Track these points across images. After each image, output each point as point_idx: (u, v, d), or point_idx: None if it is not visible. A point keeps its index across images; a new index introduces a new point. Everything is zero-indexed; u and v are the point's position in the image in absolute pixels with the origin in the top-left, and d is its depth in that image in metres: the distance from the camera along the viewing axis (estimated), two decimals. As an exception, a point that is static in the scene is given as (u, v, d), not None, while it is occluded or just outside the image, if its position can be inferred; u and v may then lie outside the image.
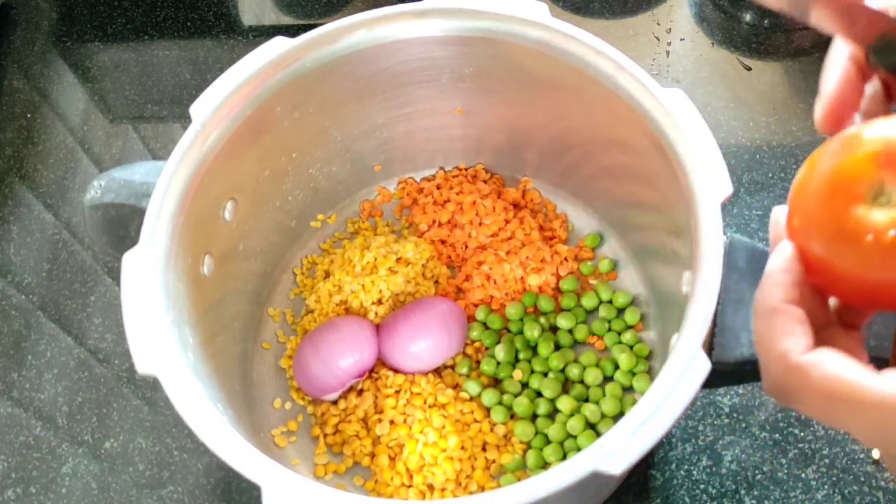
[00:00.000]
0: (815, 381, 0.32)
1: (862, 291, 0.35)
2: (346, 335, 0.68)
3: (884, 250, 0.33)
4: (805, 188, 0.36)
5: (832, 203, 0.34)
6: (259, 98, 0.63)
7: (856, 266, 0.34)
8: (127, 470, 0.70)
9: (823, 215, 0.34)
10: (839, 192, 0.34)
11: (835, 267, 0.35)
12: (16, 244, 0.82)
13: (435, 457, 0.65)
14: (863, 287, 0.34)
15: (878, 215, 0.33)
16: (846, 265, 0.34)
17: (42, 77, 0.94)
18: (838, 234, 0.34)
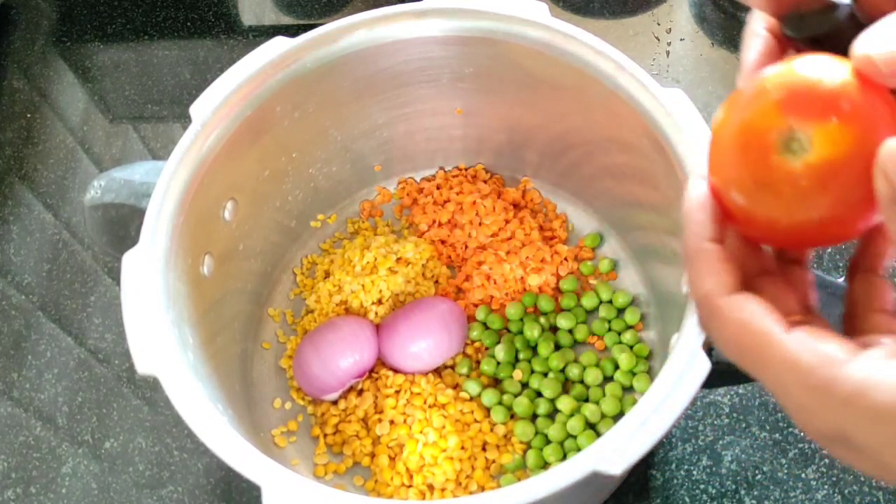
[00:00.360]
0: (730, 325, 0.32)
1: (788, 235, 0.35)
2: (346, 335, 0.68)
3: (803, 195, 0.33)
4: (719, 143, 0.36)
5: (746, 158, 0.34)
6: (259, 98, 0.63)
7: (778, 214, 0.34)
8: (127, 470, 0.70)
9: (740, 171, 0.34)
10: (751, 146, 0.34)
11: (758, 217, 0.35)
12: (16, 244, 0.82)
13: (435, 457, 0.65)
14: (788, 231, 0.34)
15: (793, 162, 0.32)
16: (769, 214, 0.34)
17: (42, 77, 0.94)
18: (757, 186, 0.34)
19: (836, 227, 0.33)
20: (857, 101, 0.32)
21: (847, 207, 0.32)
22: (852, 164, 0.32)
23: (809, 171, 0.32)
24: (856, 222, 0.33)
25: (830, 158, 0.32)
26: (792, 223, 0.34)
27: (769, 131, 0.33)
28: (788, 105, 0.33)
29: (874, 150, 0.31)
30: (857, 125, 0.32)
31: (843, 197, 0.32)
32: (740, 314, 0.32)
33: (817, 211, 0.33)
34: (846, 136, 0.32)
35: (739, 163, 0.34)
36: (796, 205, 0.33)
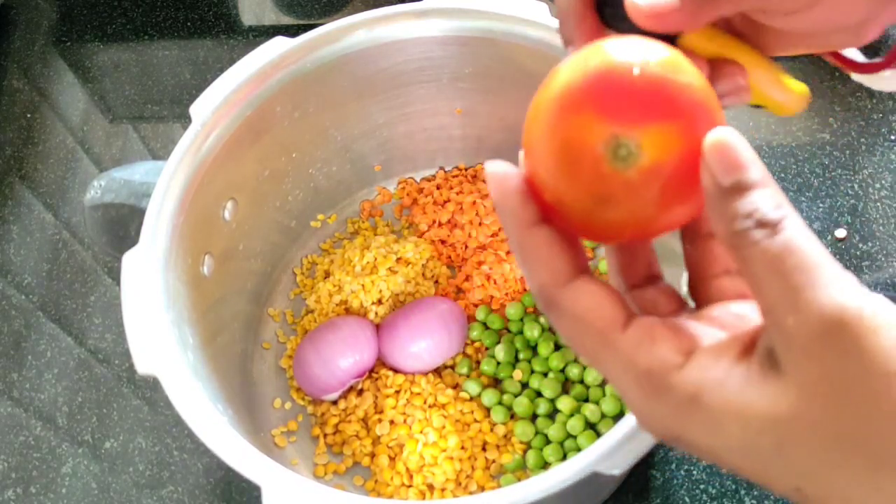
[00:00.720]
0: (566, 320, 0.32)
1: (627, 235, 0.34)
2: (346, 335, 0.68)
3: (643, 199, 0.31)
4: (538, 148, 0.33)
5: (576, 174, 0.32)
6: (259, 98, 0.63)
7: (618, 219, 0.32)
8: (127, 470, 0.70)
9: (571, 187, 0.32)
10: (579, 162, 0.31)
11: (595, 225, 0.33)
12: (16, 244, 0.82)
13: (435, 457, 0.65)
14: (628, 232, 0.33)
15: (627, 171, 0.31)
16: (608, 221, 0.32)
17: (42, 77, 0.94)
18: (594, 201, 0.32)
19: (682, 216, 0.33)
20: (679, 93, 0.31)
21: (689, 198, 0.31)
22: (685, 158, 0.31)
23: (645, 175, 0.31)
24: (700, 209, 0.32)
25: (663, 159, 0.31)
26: (633, 225, 0.32)
27: (594, 144, 0.31)
28: (606, 109, 0.31)
29: (701, 139, 0.30)
30: (682, 120, 0.31)
31: (684, 191, 0.31)
32: (575, 309, 0.31)
33: (660, 207, 0.32)
34: (673, 135, 0.31)
35: (570, 181, 0.32)
36: (637, 209, 0.32)
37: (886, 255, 0.73)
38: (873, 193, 0.76)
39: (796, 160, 0.79)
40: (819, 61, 0.84)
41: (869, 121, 0.80)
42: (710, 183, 0.29)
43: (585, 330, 0.32)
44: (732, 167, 0.29)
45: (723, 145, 0.29)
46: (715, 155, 0.29)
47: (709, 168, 0.29)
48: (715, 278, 0.36)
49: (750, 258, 0.28)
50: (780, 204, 0.29)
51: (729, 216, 0.29)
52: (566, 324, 0.32)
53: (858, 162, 0.78)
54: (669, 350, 0.30)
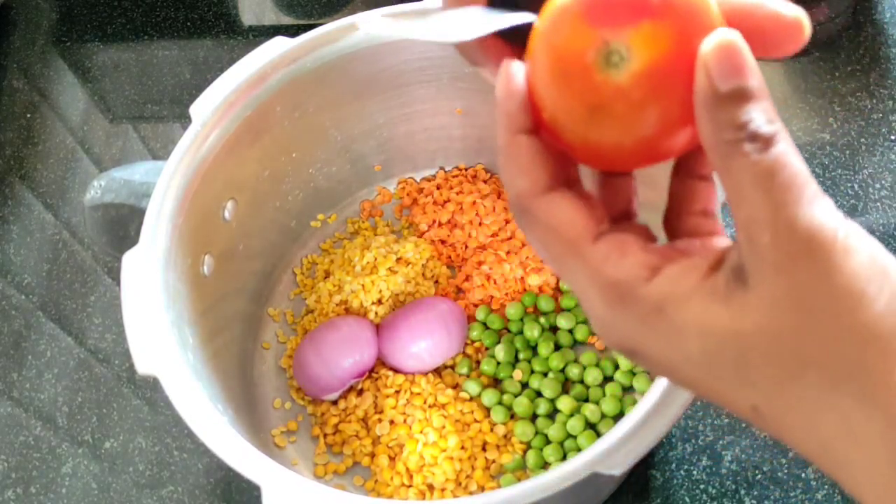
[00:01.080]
0: (539, 229, 0.32)
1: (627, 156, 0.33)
2: (346, 335, 0.68)
3: (637, 106, 0.31)
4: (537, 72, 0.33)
5: (570, 86, 0.31)
6: (259, 98, 0.63)
7: (617, 134, 0.32)
8: (127, 470, 0.70)
9: (567, 101, 0.32)
10: (571, 73, 0.31)
11: (594, 142, 0.32)
12: (16, 244, 0.82)
13: (435, 457, 0.65)
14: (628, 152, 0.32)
15: (618, 76, 0.30)
16: (607, 137, 0.32)
17: (42, 77, 0.94)
18: (589, 112, 0.31)
19: (675, 136, 0.32)
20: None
21: (683, 111, 0.30)
22: (677, 61, 0.30)
23: (637, 79, 0.30)
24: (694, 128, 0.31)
25: (654, 61, 0.30)
26: (629, 143, 0.32)
27: (585, 51, 0.31)
28: (596, 17, 0.31)
29: (695, 41, 0.29)
30: (673, 20, 0.30)
31: (678, 99, 0.30)
32: (548, 218, 0.32)
33: (655, 121, 0.31)
34: (664, 34, 0.30)
35: (564, 94, 0.32)
36: (633, 119, 0.31)
37: (886, 255, 0.73)
38: (873, 193, 0.76)
39: (796, 160, 0.79)
40: (819, 61, 0.84)
41: (869, 121, 0.80)
42: (705, 86, 0.28)
43: (556, 239, 0.32)
44: (734, 71, 0.28)
45: (727, 47, 0.28)
46: (716, 56, 0.28)
47: (707, 70, 0.28)
48: (692, 215, 0.36)
49: (737, 170, 0.28)
50: (773, 118, 0.28)
51: (722, 124, 0.28)
52: (538, 232, 0.32)
53: (858, 162, 0.78)
54: (637, 264, 0.31)
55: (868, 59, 0.84)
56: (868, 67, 0.83)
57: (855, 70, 0.83)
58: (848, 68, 0.84)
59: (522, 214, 0.32)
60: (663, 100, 0.30)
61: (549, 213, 0.32)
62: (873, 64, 0.83)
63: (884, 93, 0.81)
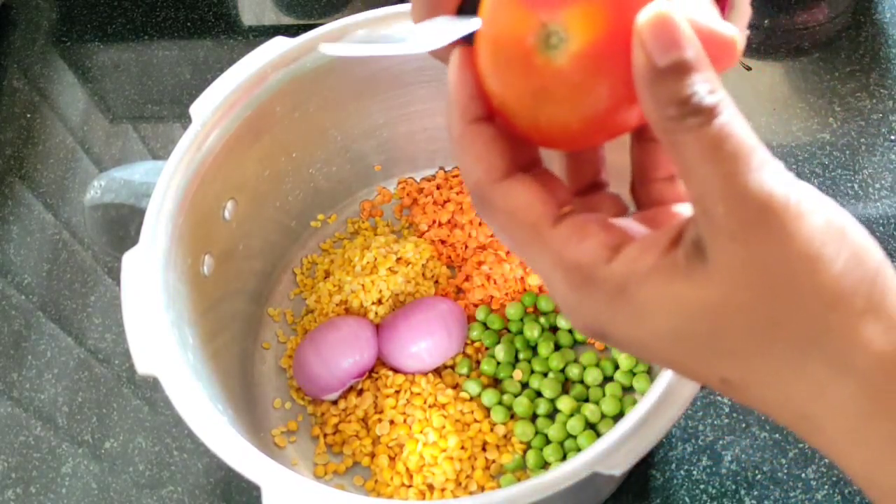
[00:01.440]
0: (500, 216, 0.32)
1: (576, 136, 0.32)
2: (346, 335, 0.68)
3: (580, 87, 0.30)
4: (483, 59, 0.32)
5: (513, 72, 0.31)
6: (259, 98, 0.63)
7: (563, 115, 0.31)
8: (127, 470, 0.70)
9: (512, 87, 0.31)
10: (513, 58, 0.31)
11: (543, 126, 0.32)
12: (16, 244, 0.82)
13: (435, 457, 0.65)
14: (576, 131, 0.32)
15: (558, 57, 0.30)
16: (554, 119, 0.31)
17: (42, 77, 0.94)
18: (534, 96, 0.31)
19: (624, 114, 0.31)
20: None
21: (628, 88, 0.29)
22: (617, 39, 0.29)
23: (577, 60, 0.30)
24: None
25: (593, 40, 0.29)
26: (577, 123, 0.31)
27: (524, 35, 0.30)
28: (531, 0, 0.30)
29: (632, 18, 0.28)
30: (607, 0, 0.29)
31: (621, 77, 0.29)
32: (507, 205, 0.31)
33: (601, 101, 0.30)
34: (600, 13, 0.29)
35: (508, 79, 0.31)
36: (578, 100, 0.31)
37: (886, 254, 0.73)
38: (873, 193, 0.76)
39: (796, 160, 0.79)
40: (819, 61, 0.84)
41: (869, 121, 0.80)
42: (643, 63, 0.28)
43: (517, 225, 0.31)
44: (671, 44, 0.27)
45: (661, 20, 0.27)
46: (650, 30, 0.28)
47: (642, 45, 0.28)
48: (657, 182, 0.35)
49: (683, 145, 0.28)
50: (715, 88, 0.28)
51: (663, 100, 0.28)
52: (498, 219, 0.32)
53: (858, 162, 0.78)
54: (598, 245, 0.30)
55: (868, 59, 0.84)
56: (868, 67, 0.83)
57: (855, 70, 0.83)
58: (848, 68, 0.84)
59: (481, 203, 0.32)
60: (606, 79, 0.30)
61: (506, 200, 0.31)
62: (873, 64, 0.84)
63: (884, 93, 0.81)
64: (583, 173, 0.37)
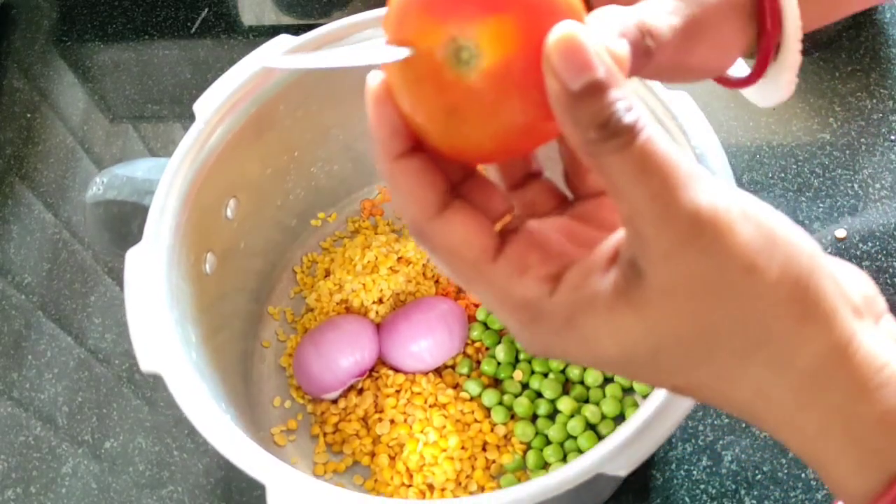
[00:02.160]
0: (440, 252, 0.31)
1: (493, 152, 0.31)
2: (346, 334, 0.68)
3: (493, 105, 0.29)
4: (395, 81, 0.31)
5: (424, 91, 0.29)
6: (262, 96, 0.63)
7: (478, 133, 0.30)
8: (127, 470, 0.70)
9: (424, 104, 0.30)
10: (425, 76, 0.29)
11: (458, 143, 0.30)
12: (16, 244, 0.82)
13: (435, 456, 0.65)
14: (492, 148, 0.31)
15: (470, 74, 0.28)
16: (469, 137, 0.30)
17: (42, 77, 0.94)
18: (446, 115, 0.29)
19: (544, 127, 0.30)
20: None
21: (545, 102, 0.28)
22: (531, 54, 0.28)
23: (488, 76, 0.28)
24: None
25: (506, 56, 0.28)
26: (495, 139, 0.30)
27: (434, 49, 0.28)
28: (440, 9, 0.28)
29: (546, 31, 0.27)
30: (522, 12, 0.28)
31: (536, 92, 0.28)
32: (445, 243, 0.31)
33: (517, 118, 0.29)
34: (513, 28, 0.28)
35: (419, 97, 0.30)
36: (493, 118, 0.29)
37: (886, 255, 0.73)
38: (873, 193, 0.76)
39: (796, 160, 0.79)
40: (819, 61, 0.84)
41: (869, 121, 0.80)
42: (556, 87, 0.27)
43: (459, 262, 0.31)
44: (581, 67, 0.27)
45: (568, 42, 0.27)
46: (559, 53, 0.27)
47: (553, 69, 0.27)
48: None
49: (607, 167, 0.27)
50: (632, 105, 0.27)
51: (582, 125, 0.27)
52: (440, 256, 0.32)
53: (858, 162, 0.78)
54: (538, 278, 0.31)
55: (868, 59, 0.84)
56: (868, 67, 0.83)
57: (855, 70, 0.84)
58: (848, 68, 0.84)
59: (421, 239, 0.32)
60: (522, 94, 0.29)
61: (444, 237, 0.31)
62: (873, 64, 0.84)
63: (884, 93, 0.82)
64: (515, 167, 0.36)
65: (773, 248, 0.28)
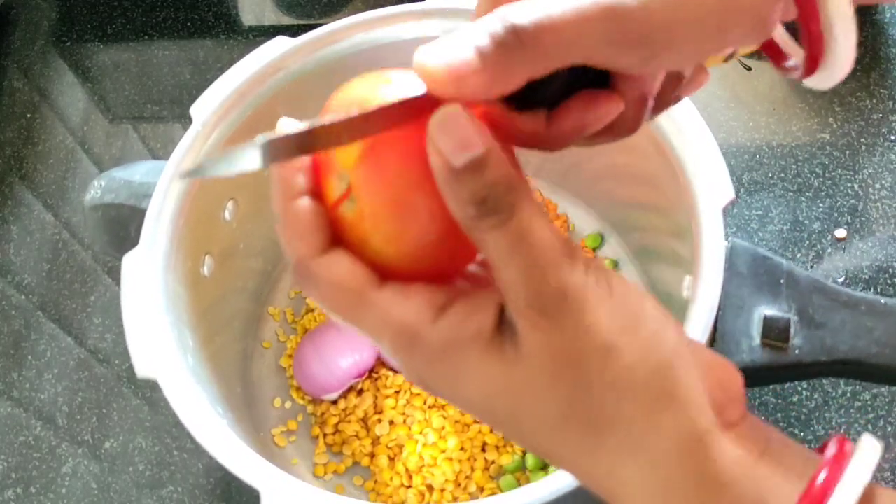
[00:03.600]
0: (323, 286, 0.32)
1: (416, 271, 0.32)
2: (346, 335, 0.68)
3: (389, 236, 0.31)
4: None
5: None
6: (260, 98, 0.63)
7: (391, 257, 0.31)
8: (127, 470, 0.70)
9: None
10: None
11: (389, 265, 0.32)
12: (16, 244, 0.82)
13: (434, 457, 0.65)
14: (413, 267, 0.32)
15: (349, 212, 0.31)
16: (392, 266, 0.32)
17: (42, 77, 0.94)
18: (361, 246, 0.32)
19: (449, 250, 0.32)
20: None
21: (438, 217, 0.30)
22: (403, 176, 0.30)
23: (363, 215, 0.31)
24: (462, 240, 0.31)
25: (371, 201, 0.30)
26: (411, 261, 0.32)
27: (329, 194, 0.31)
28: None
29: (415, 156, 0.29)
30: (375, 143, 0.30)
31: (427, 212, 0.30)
32: (331, 275, 0.31)
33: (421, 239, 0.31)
34: (370, 170, 0.30)
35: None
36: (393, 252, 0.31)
37: (886, 255, 0.73)
38: (873, 193, 0.76)
39: (796, 160, 0.79)
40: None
41: (869, 121, 0.80)
42: (440, 165, 0.28)
43: (342, 293, 0.31)
44: (462, 144, 0.28)
45: (449, 120, 0.28)
46: (441, 132, 0.28)
47: (436, 148, 0.28)
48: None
49: (485, 242, 0.29)
50: (512, 185, 0.28)
51: (464, 201, 0.28)
52: (323, 290, 0.32)
53: (858, 162, 0.78)
54: (422, 303, 0.31)
55: (868, 59, 0.84)
56: (868, 67, 0.83)
57: (855, 70, 0.83)
58: (848, 68, 0.83)
59: (305, 277, 0.32)
60: (404, 221, 0.31)
61: (329, 271, 0.31)
62: (873, 64, 0.83)
63: (884, 93, 0.81)
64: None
65: (636, 332, 0.29)
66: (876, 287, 0.71)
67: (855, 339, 0.51)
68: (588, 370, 0.29)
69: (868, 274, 0.72)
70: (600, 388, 0.29)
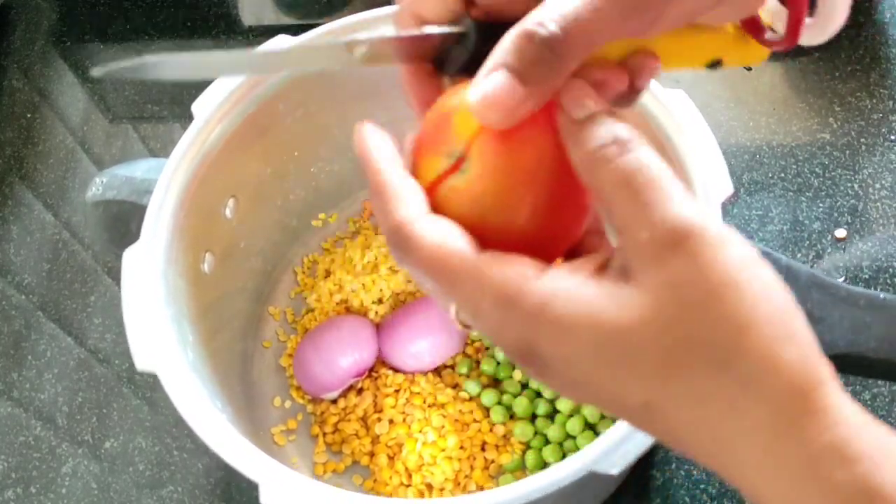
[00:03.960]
0: (424, 249, 0.32)
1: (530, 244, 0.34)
2: (346, 334, 0.68)
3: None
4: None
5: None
6: (262, 96, 0.63)
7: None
8: (127, 470, 0.70)
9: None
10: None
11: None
12: (16, 244, 0.82)
13: (434, 456, 0.65)
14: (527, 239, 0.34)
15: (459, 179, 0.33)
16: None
17: (42, 77, 0.94)
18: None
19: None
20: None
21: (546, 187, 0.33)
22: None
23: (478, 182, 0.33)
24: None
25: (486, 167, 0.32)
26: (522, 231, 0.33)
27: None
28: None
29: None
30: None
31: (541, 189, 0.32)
32: (433, 237, 0.32)
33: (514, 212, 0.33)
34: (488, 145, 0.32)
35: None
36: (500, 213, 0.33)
37: (886, 254, 0.73)
38: (873, 193, 0.76)
39: (796, 160, 0.79)
40: (819, 61, 0.84)
41: (869, 121, 0.80)
42: (565, 119, 0.31)
43: (441, 254, 0.32)
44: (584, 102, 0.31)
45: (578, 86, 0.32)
46: (569, 94, 0.31)
47: (563, 108, 0.32)
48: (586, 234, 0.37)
49: (604, 177, 0.30)
50: (629, 126, 0.30)
51: (584, 139, 0.30)
52: (421, 254, 0.32)
53: (858, 162, 0.78)
54: (524, 264, 0.31)
55: (868, 59, 0.84)
56: (868, 67, 0.83)
57: (855, 70, 0.83)
58: (848, 68, 0.84)
59: (405, 241, 0.32)
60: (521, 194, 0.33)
61: (431, 234, 0.32)
62: (873, 64, 0.84)
63: (884, 93, 0.81)
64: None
65: (755, 270, 0.29)
66: (876, 287, 0.71)
67: (854, 335, 0.51)
68: (710, 303, 0.29)
69: (868, 274, 0.72)
70: (722, 322, 0.29)
